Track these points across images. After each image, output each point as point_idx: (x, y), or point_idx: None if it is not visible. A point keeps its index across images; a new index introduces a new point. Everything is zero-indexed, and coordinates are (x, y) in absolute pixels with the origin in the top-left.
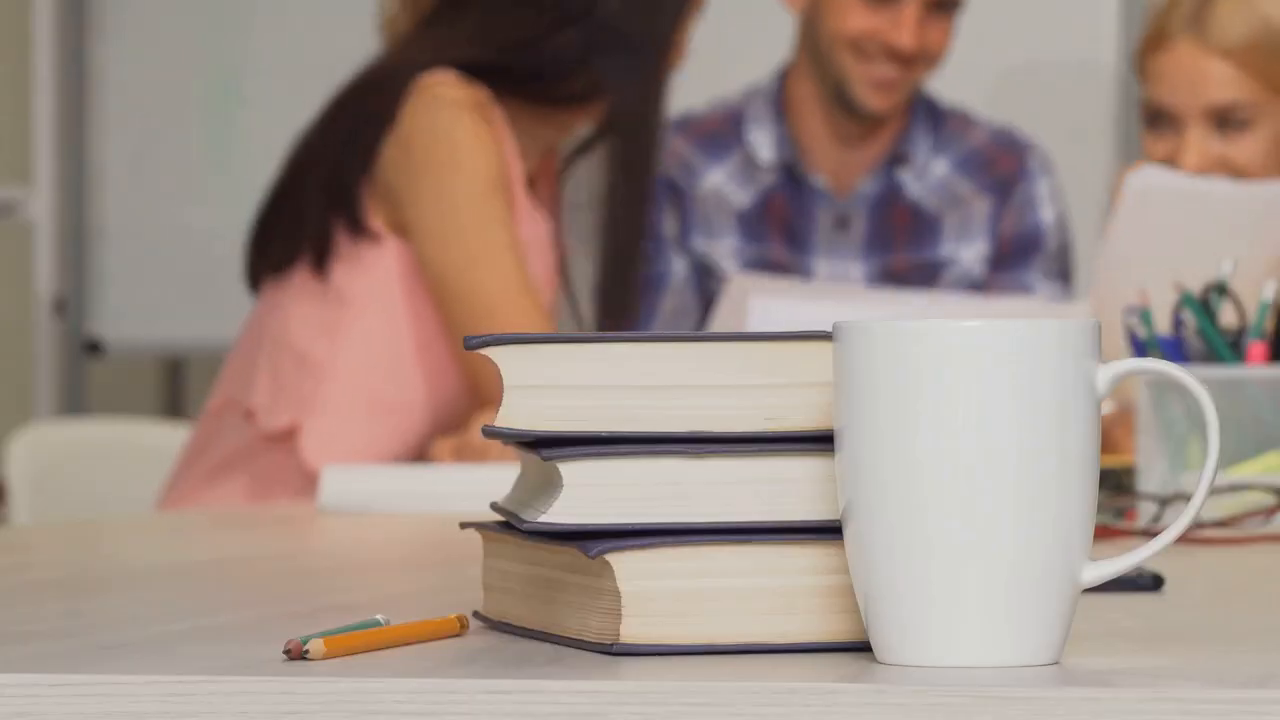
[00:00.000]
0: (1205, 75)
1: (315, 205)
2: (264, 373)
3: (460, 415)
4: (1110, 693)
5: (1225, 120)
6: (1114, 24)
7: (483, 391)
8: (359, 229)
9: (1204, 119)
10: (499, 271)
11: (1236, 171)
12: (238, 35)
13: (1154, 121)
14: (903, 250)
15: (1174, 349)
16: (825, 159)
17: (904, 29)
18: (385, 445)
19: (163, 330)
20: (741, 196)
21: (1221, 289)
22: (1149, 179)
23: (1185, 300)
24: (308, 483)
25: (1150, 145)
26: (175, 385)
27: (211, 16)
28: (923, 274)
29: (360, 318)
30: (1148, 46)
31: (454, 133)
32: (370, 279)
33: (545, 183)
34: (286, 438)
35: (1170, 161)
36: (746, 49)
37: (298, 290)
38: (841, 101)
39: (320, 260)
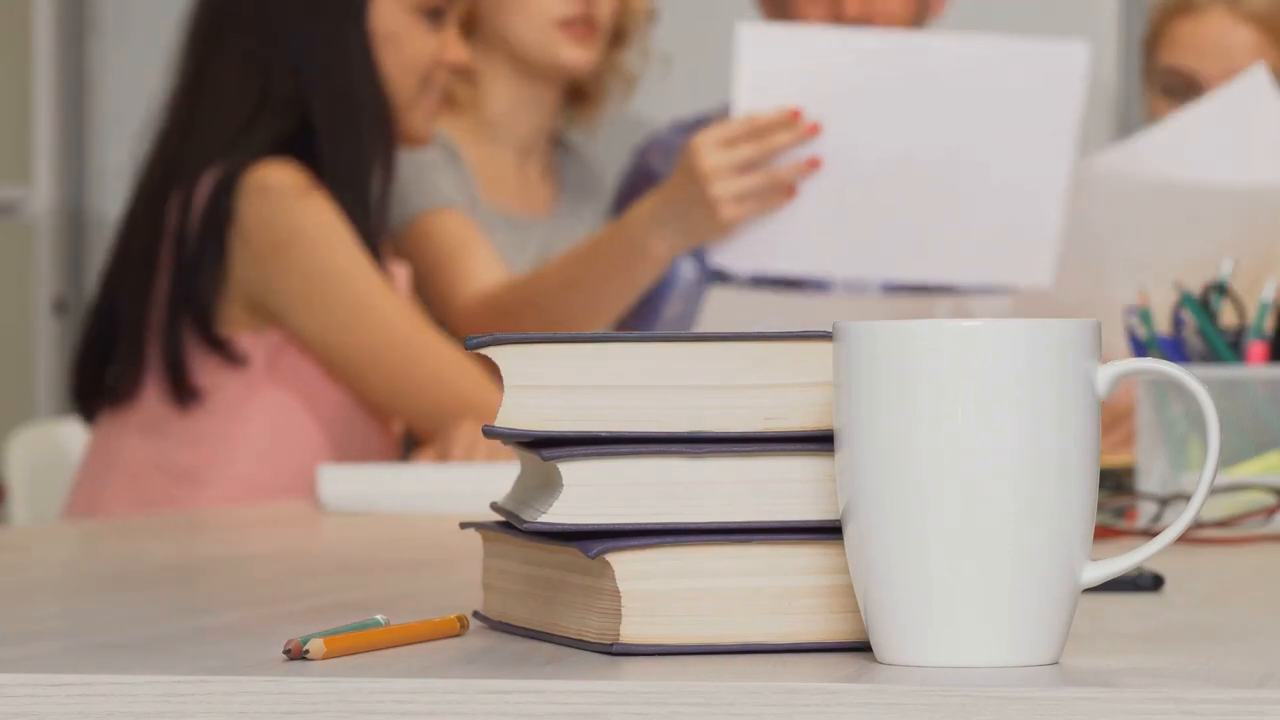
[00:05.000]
0: (1233, 43)
1: (161, 326)
2: (123, 499)
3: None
4: (1110, 693)
5: None
6: (1114, 31)
7: (422, 431)
8: (216, 345)
9: None
10: (393, 310)
11: None
12: None
13: (1170, 88)
14: None
15: (1174, 349)
16: None
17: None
18: None
19: None
20: None
21: (1221, 289)
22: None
23: (1185, 300)
24: None
25: (1162, 110)
26: None
27: None
28: None
29: (234, 422)
30: (1173, 12)
31: (293, 216)
32: (234, 391)
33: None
34: None
35: None
36: None
37: (142, 416)
38: None
39: (177, 385)
